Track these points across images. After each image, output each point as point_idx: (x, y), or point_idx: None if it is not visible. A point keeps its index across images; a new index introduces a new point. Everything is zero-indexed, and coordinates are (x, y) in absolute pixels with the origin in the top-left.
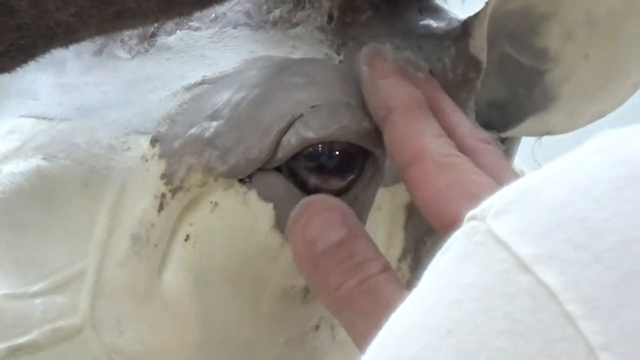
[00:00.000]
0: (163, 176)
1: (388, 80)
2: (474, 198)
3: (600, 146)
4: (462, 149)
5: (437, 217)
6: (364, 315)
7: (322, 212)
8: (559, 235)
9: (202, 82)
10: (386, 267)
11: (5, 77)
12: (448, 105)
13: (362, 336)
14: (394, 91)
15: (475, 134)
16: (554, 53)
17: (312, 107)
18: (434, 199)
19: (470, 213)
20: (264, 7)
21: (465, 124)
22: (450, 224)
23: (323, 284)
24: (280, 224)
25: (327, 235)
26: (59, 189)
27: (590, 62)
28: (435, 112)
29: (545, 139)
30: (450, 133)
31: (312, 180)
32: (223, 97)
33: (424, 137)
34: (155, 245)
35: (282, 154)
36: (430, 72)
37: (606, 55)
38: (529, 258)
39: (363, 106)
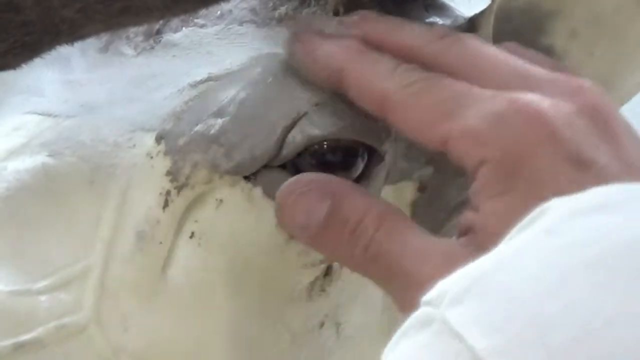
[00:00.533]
0: (168, 173)
1: (321, 48)
2: (451, 112)
3: (550, 226)
4: (424, 59)
5: (431, 145)
6: (385, 277)
7: (300, 196)
8: (511, 329)
9: (208, 79)
10: (381, 218)
11: (11, 73)
12: (389, 26)
13: (396, 295)
14: (332, 53)
15: (428, 37)
16: (559, 51)
17: (318, 104)
18: (418, 133)
19: (425, 298)
20: (270, 4)
21: (415, 33)
22: (442, 146)
23: (338, 258)
24: None
25: (313, 216)
26: (64, 186)
27: (595, 60)
28: (381, 42)
29: None
30: (406, 51)
31: None
32: (229, 94)
33: (379, 81)
34: (160, 243)
35: (288, 152)
36: None
37: (611, 54)
38: (483, 352)
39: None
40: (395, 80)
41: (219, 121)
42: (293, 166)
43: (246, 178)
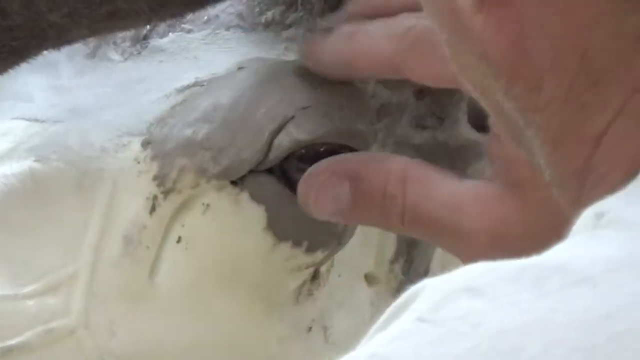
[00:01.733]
0: (155, 178)
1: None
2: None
3: (423, 314)
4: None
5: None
6: (431, 237)
7: (321, 188)
8: None
9: (195, 84)
10: (403, 180)
11: None
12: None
13: (450, 250)
14: (334, 49)
15: None
16: None
17: (304, 108)
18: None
19: None
20: (257, 9)
21: None
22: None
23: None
24: (272, 225)
25: (340, 201)
26: (51, 191)
27: None
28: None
29: None
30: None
31: None
32: (215, 99)
33: (382, 48)
34: (148, 247)
35: (274, 156)
36: None
37: None
38: None
39: (355, 107)
40: (390, 39)
41: (206, 126)
42: (280, 170)
43: (233, 182)
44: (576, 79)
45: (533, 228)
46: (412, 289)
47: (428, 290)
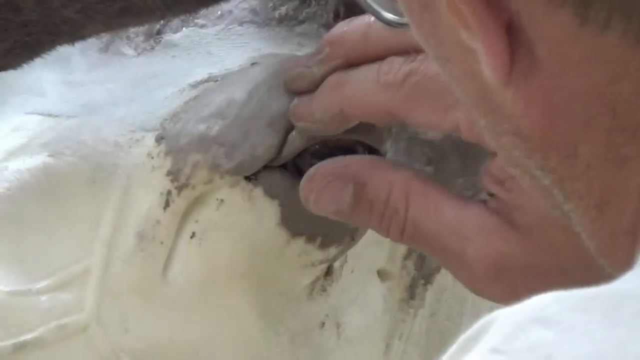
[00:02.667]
0: (169, 173)
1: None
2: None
3: (496, 345)
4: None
5: (445, 131)
6: (430, 253)
7: (324, 189)
8: None
9: (208, 80)
10: (407, 193)
11: (11, 74)
12: (353, 38)
13: (450, 270)
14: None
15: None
16: None
17: None
18: (429, 126)
19: None
20: (270, 5)
21: (372, 35)
22: (456, 131)
23: (382, 233)
24: (285, 220)
25: (341, 204)
26: (64, 186)
27: None
28: (357, 57)
29: None
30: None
31: None
32: (229, 94)
33: (371, 96)
34: (161, 243)
35: (288, 152)
36: None
37: None
38: None
39: None
40: (385, 88)
41: (219, 121)
42: (294, 166)
43: (247, 178)
44: (612, 135)
45: (537, 267)
46: (483, 321)
47: (500, 322)
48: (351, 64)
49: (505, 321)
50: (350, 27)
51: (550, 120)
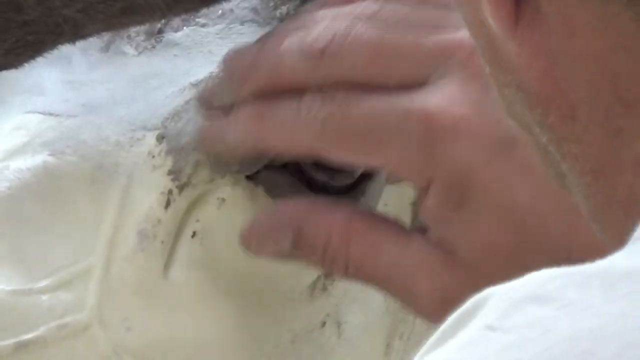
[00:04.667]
0: (170, 172)
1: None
2: (378, 142)
3: (492, 322)
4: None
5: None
6: (377, 289)
7: (265, 238)
8: None
9: (209, 79)
10: (347, 232)
11: (12, 73)
12: (267, 65)
13: (399, 302)
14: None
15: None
16: None
17: None
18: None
19: None
20: (271, 4)
21: (291, 59)
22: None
23: (320, 269)
24: None
25: (282, 250)
26: (65, 185)
27: None
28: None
29: None
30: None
31: (319, 177)
32: None
33: (293, 133)
34: (162, 242)
35: None
36: None
37: None
38: None
39: None
40: (307, 127)
41: None
42: (295, 165)
43: (248, 177)
44: (610, 105)
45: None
46: (476, 298)
47: (495, 299)
48: (264, 93)
49: (501, 298)
50: (264, 52)
51: (553, 79)
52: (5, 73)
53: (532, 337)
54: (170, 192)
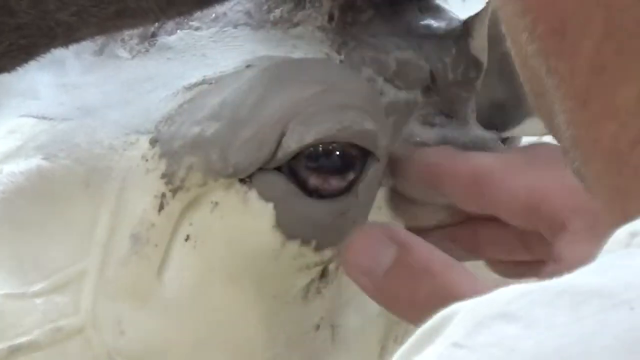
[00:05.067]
0: (163, 176)
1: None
2: None
3: (458, 339)
4: None
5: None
6: None
7: (366, 240)
8: None
9: (203, 82)
10: (449, 264)
11: (6, 76)
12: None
13: None
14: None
15: None
16: None
17: (313, 107)
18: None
19: None
20: (265, 7)
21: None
22: None
23: (395, 303)
24: (280, 223)
25: (380, 260)
26: (59, 189)
27: None
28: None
29: (546, 138)
30: None
31: (313, 180)
32: (223, 97)
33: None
34: (156, 245)
35: (283, 154)
36: (431, 72)
37: None
38: None
39: (364, 106)
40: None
41: (214, 124)
42: (288, 168)
43: (241, 181)
44: (601, 40)
45: None
46: (443, 313)
47: (461, 315)
48: None
49: (468, 315)
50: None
51: None
52: None
53: (498, 355)
54: (163, 195)
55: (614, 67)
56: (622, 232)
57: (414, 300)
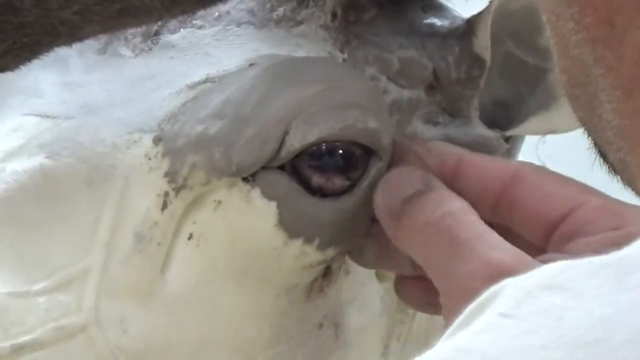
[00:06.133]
0: (166, 174)
1: (435, 142)
2: None
3: (506, 310)
4: None
5: (544, 220)
6: (440, 252)
7: (398, 176)
8: None
9: (206, 81)
10: (470, 212)
11: (9, 75)
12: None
13: (437, 275)
14: (449, 145)
15: None
16: None
17: (316, 106)
18: (541, 206)
19: None
20: (268, 6)
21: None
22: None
23: (405, 227)
24: (283, 222)
25: (405, 190)
26: (62, 187)
27: None
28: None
29: (549, 137)
30: None
31: (316, 178)
32: (227, 95)
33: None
34: (159, 244)
35: (286, 153)
36: (434, 71)
37: None
38: None
39: (368, 104)
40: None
41: (217, 122)
42: (292, 167)
43: (244, 179)
44: None
45: None
46: (492, 289)
47: (509, 289)
48: None
49: (515, 288)
50: None
51: None
52: (1, 75)
53: (546, 324)
54: (166, 194)
55: None
56: None
57: (422, 226)
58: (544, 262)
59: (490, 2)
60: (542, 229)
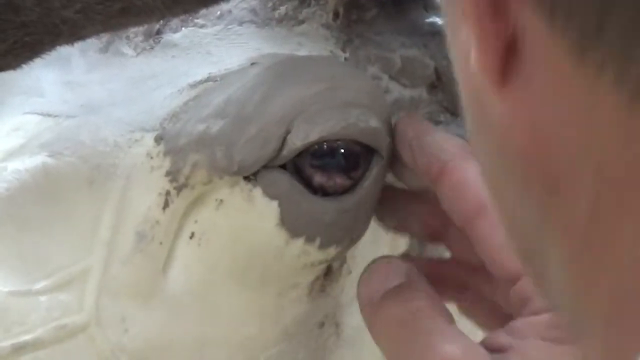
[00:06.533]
0: (168, 173)
1: (434, 136)
2: None
3: None
4: None
5: (499, 268)
6: (406, 348)
7: (380, 268)
8: None
9: (208, 80)
10: (437, 309)
11: (11, 74)
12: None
13: None
14: (444, 145)
15: None
16: None
17: (318, 105)
18: (497, 254)
19: None
20: (270, 5)
21: None
22: (510, 277)
23: (381, 320)
24: (285, 221)
25: (386, 283)
26: (64, 186)
27: None
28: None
29: None
30: None
31: (317, 177)
32: (228, 94)
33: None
34: (160, 243)
35: (287, 152)
36: (436, 69)
37: None
38: None
39: (369, 103)
40: None
41: (219, 121)
42: (293, 166)
43: (246, 178)
44: (597, 197)
45: None
46: None
47: None
48: None
49: None
50: None
51: (535, 146)
52: (3, 74)
53: None
54: (168, 193)
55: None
56: None
57: (390, 316)
58: (501, 346)
59: None
60: (505, 275)
